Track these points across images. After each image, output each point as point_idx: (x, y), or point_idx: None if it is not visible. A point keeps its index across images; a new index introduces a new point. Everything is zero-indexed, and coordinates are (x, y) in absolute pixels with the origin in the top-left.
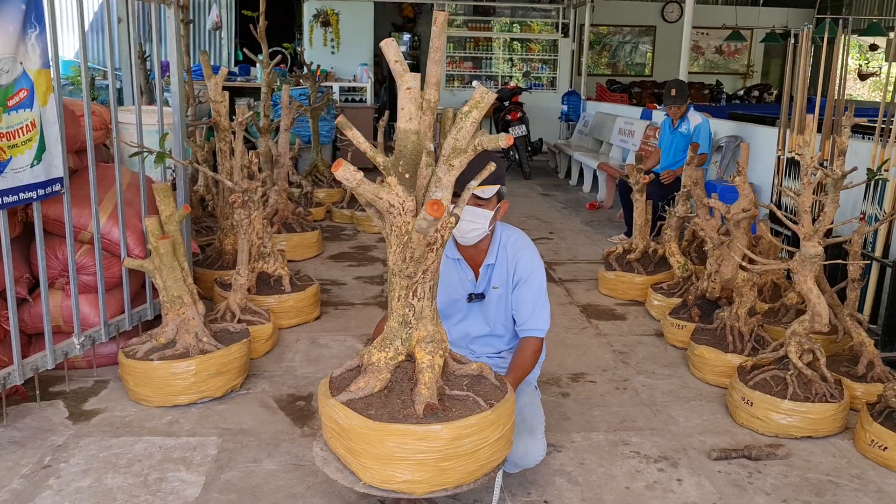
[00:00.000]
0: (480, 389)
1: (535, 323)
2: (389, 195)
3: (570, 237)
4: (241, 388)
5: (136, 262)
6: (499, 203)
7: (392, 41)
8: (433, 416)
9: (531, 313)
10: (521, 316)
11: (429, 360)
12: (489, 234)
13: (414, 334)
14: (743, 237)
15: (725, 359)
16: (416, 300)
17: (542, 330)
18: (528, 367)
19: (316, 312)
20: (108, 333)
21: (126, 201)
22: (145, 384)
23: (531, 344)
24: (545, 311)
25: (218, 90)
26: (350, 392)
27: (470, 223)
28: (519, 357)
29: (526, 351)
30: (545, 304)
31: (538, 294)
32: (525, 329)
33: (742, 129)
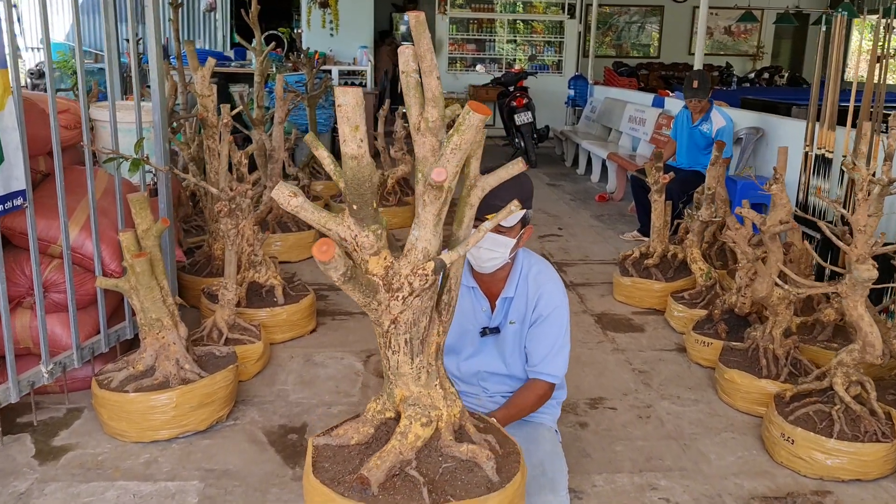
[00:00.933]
0: (460, 482)
1: (548, 367)
2: (339, 227)
3: (580, 234)
4: (228, 418)
5: (110, 282)
6: (522, 229)
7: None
8: (359, 491)
9: (546, 355)
10: (535, 356)
11: (405, 426)
12: (509, 262)
13: (395, 391)
14: (779, 251)
15: (759, 385)
16: (391, 353)
17: (554, 376)
18: (527, 411)
19: (311, 325)
20: (81, 358)
21: (101, 210)
22: (121, 418)
23: (539, 387)
24: (562, 356)
25: (205, 83)
26: (330, 436)
27: (489, 252)
28: (521, 396)
29: (531, 392)
30: (563, 347)
31: (558, 335)
32: (536, 371)
33: (763, 120)
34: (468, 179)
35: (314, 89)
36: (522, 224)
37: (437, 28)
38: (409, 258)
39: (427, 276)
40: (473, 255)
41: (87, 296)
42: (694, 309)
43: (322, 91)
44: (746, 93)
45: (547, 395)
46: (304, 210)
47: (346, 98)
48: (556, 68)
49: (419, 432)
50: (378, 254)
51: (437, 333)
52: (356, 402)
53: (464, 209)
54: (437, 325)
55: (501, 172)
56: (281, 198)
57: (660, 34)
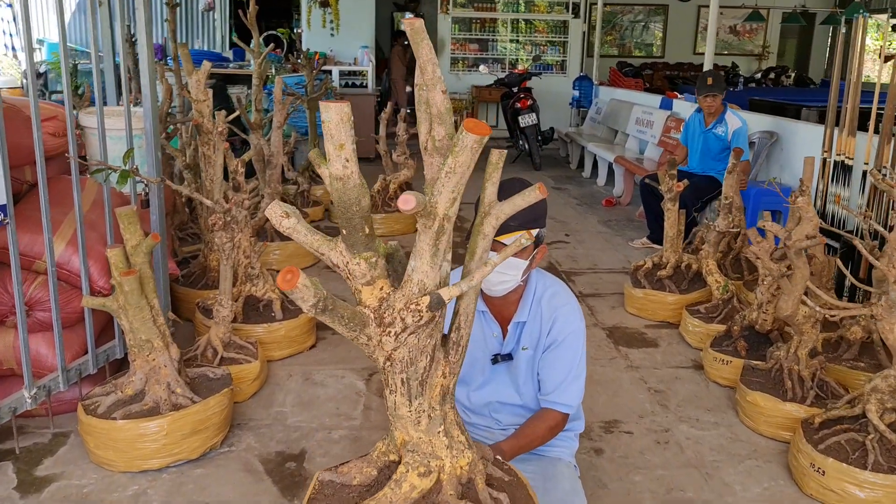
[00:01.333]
0: None
1: (562, 396)
2: (331, 252)
3: (588, 240)
4: (223, 444)
5: (97, 302)
6: (535, 250)
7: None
8: None
9: (560, 383)
10: (548, 384)
11: (401, 473)
12: (522, 285)
13: (396, 434)
14: (805, 268)
15: (784, 409)
16: (389, 392)
17: (568, 406)
18: (537, 443)
19: (311, 340)
20: (67, 380)
21: (89, 224)
22: (108, 447)
23: (551, 418)
24: (577, 384)
25: (200, 88)
26: (336, 472)
27: (499, 274)
28: (531, 427)
29: (542, 423)
30: (579, 375)
31: (572, 362)
32: (549, 400)
33: (777, 123)
34: (482, 207)
35: (314, 91)
36: (535, 244)
37: (440, 27)
38: (404, 291)
39: (421, 312)
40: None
41: (74, 314)
42: (710, 324)
43: (322, 93)
44: (754, 93)
45: (560, 426)
46: (297, 232)
47: (329, 114)
48: (560, 68)
49: (415, 482)
50: (371, 283)
51: (443, 375)
52: (358, 425)
53: (476, 239)
54: (441, 367)
55: (518, 200)
56: (273, 218)
57: (664, 33)
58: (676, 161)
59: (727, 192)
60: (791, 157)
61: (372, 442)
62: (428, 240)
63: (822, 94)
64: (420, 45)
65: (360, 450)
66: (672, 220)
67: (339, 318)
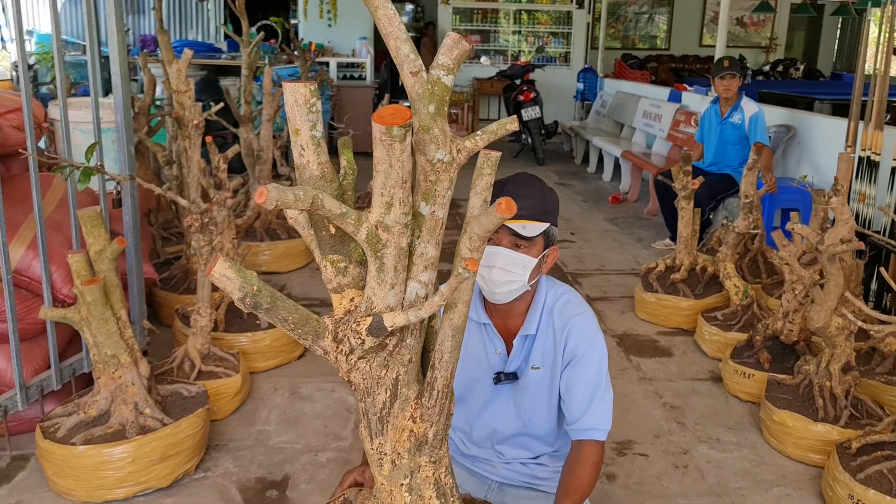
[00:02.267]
0: None
1: (592, 420)
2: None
3: (594, 239)
4: (197, 469)
5: (57, 313)
6: (546, 249)
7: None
8: None
9: (588, 406)
10: (574, 410)
11: None
12: (529, 292)
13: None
14: (840, 275)
15: (815, 430)
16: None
17: (602, 431)
18: (588, 488)
19: (298, 350)
20: (26, 399)
21: (54, 225)
22: (67, 475)
23: (590, 452)
24: (605, 403)
25: (181, 78)
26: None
27: (503, 272)
28: (575, 474)
29: (584, 464)
30: (605, 393)
31: (597, 379)
32: (580, 429)
33: (794, 117)
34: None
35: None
36: (546, 244)
37: (440, 18)
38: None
39: (361, 336)
40: (484, 277)
41: (36, 325)
42: (729, 332)
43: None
44: (763, 86)
45: (601, 460)
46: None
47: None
48: (564, 60)
49: None
50: (340, 292)
51: (412, 419)
52: (347, 446)
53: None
54: (410, 409)
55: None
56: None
57: (669, 25)
58: (691, 157)
59: (747, 191)
60: (811, 153)
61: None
62: (369, 252)
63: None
64: (375, 13)
65: None
66: (686, 219)
67: (281, 320)
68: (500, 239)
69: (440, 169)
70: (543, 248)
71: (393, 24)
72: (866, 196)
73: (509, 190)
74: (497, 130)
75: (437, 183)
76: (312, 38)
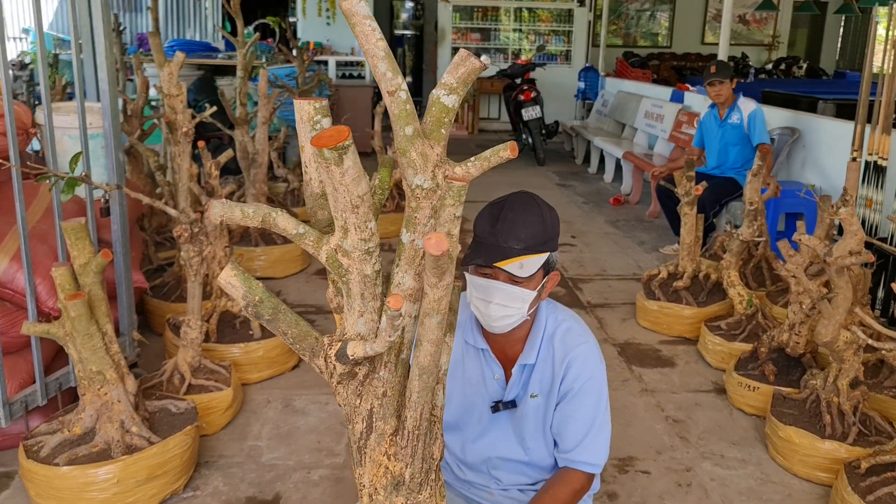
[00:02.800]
0: None
1: (585, 454)
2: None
3: (595, 243)
4: (186, 488)
5: (40, 328)
6: (546, 277)
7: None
8: None
9: (582, 439)
10: (568, 440)
11: None
12: (529, 319)
13: None
14: (848, 288)
15: (822, 448)
16: None
17: (594, 465)
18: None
19: (293, 360)
20: (10, 415)
21: (39, 236)
22: (50, 496)
23: (574, 480)
24: (602, 437)
25: (172, 81)
26: None
27: (500, 308)
28: (551, 494)
29: (565, 487)
30: (603, 427)
31: (595, 412)
32: (570, 459)
33: (798, 119)
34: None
35: (305, 83)
36: (546, 270)
37: (440, 16)
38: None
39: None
40: (481, 311)
41: (20, 338)
42: (733, 342)
43: (314, 85)
44: (766, 85)
45: (585, 489)
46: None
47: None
48: (565, 59)
49: None
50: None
51: (387, 457)
52: (341, 463)
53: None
54: (385, 445)
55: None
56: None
57: (671, 23)
58: (693, 162)
59: (752, 197)
60: (816, 157)
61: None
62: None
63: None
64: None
65: (342, 493)
66: (689, 225)
67: (281, 332)
68: (496, 273)
69: (420, 195)
70: (543, 276)
71: (370, 41)
72: (873, 201)
73: (507, 217)
74: (490, 157)
75: (418, 210)
76: (311, 37)
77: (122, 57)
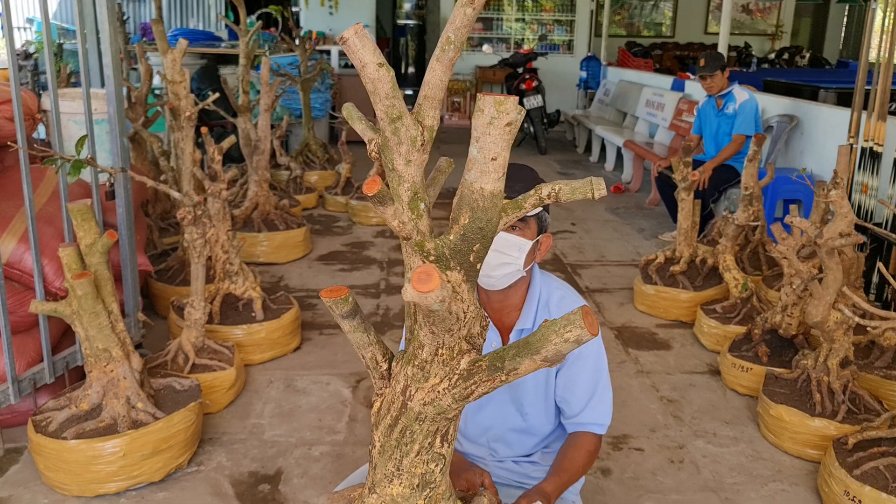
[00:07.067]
0: None
1: (592, 415)
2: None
3: (594, 230)
4: (190, 463)
5: (48, 307)
6: (539, 235)
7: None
8: None
9: (588, 401)
10: (574, 405)
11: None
12: (525, 283)
13: (435, 495)
14: (838, 269)
15: (812, 425)
16: (447, 446)
17: (602, 425)
18: (579, 474)
19: (295, 342)
20: (19, 392)
21: (46, 218)
22: (59, 469)
23: (587, 442)
24: (606, 398)
25: (176, 68)
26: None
27: (499, 255)
28: (568, 457)
29: (579, 450)
30: (606, 388)
31: (597, 374)
32: (579, 422)
33: (797, 107)
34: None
35: (308, 72)
36: (539, 227)
37: (442, 5)
38: None
39: None
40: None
41: (28, 317)
42: (728, 325)
43: (316, 74)
44: (767, 74)
45: (597, 451)
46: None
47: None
48: (567, 48)
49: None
50: None
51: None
52: (341, 440)
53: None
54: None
55: None
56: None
57: (674, 13)
58: (691, 148)
59: (747, 182)
60: (813, 143)
61: (356, 459)
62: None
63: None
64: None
65: (342, 468)
66: (686, 210)
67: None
68: None
69: None
70: (537, 233)
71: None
72: (868, 187)
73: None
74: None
75: None
76: (313, 27)
77: (125, 46)
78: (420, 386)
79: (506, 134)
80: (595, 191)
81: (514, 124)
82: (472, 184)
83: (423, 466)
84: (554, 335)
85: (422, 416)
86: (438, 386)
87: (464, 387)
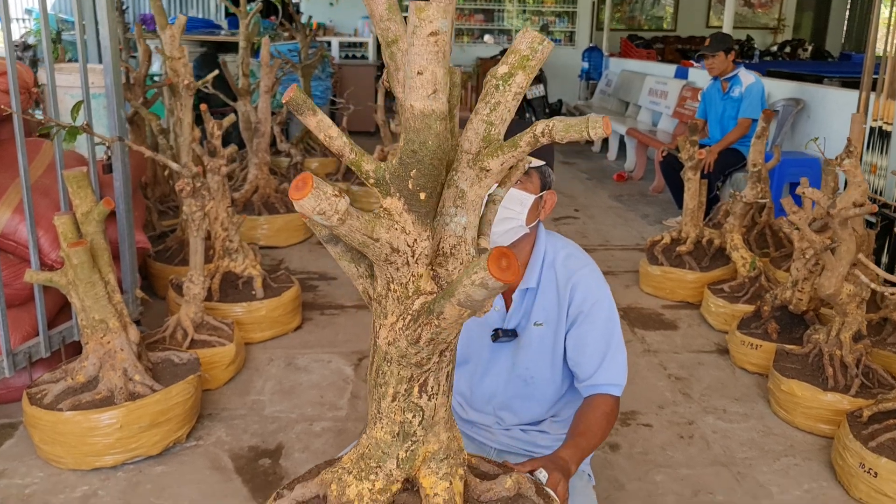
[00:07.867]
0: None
1: (607, 375)
2: (391, 234)
3: (598, 216)
4: (189, 438)
5: (43, 276)
6: (543, 191)
7: None
8: None
9: (601, 361)
10: (587, 366)
11: (445, 488)
12: (530, 242)
13: (419, 450)
14: (852, 240)
15: (825, 400)
16: (427, 398)
17: (618, 385)
18: (599, 438)
19: (296, 321)
20: (14, 365)
21: (42, 189)
22: (55, 441)
23: (603, 403)
24: (620, 357)
25: (175, 44)
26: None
27: (502, 209)
28: (585, 421)
29: (596, 412)
30: (620, 346)
31: (609, 332)
32: (594, 384)
33: (804, 90)
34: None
35: (308, 59)
36: (542, 184)
37: None
38: None
39: None
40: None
41: (24, 290)
42: (736, 304)
43: (317, 60)
44: (770, 66)
45: (615, 413)
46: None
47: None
48: (569, 40)
49: (459, 487)
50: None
51: None
52: (343, 416)
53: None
54: None
55: None
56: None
57: (675, 6)
58: (698, 127)
59: (755, 159)
60: (820, 126)
61: (358, 434)
62: (483, 188)
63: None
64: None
65: (344, 444)
66: (693, 190)
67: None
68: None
69: None
70: (540, 188)
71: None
72: (877, 167)
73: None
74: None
75: None
76: (314, 17)
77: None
78: (382, 322)
79: (430, 45)
80: (591, 129)
81: (440, 34)
82: (403, 102)
83: (401, 415)
84: (465, 278)
85: (388, 357)
86: (396, 325)
87: (414, 328)
